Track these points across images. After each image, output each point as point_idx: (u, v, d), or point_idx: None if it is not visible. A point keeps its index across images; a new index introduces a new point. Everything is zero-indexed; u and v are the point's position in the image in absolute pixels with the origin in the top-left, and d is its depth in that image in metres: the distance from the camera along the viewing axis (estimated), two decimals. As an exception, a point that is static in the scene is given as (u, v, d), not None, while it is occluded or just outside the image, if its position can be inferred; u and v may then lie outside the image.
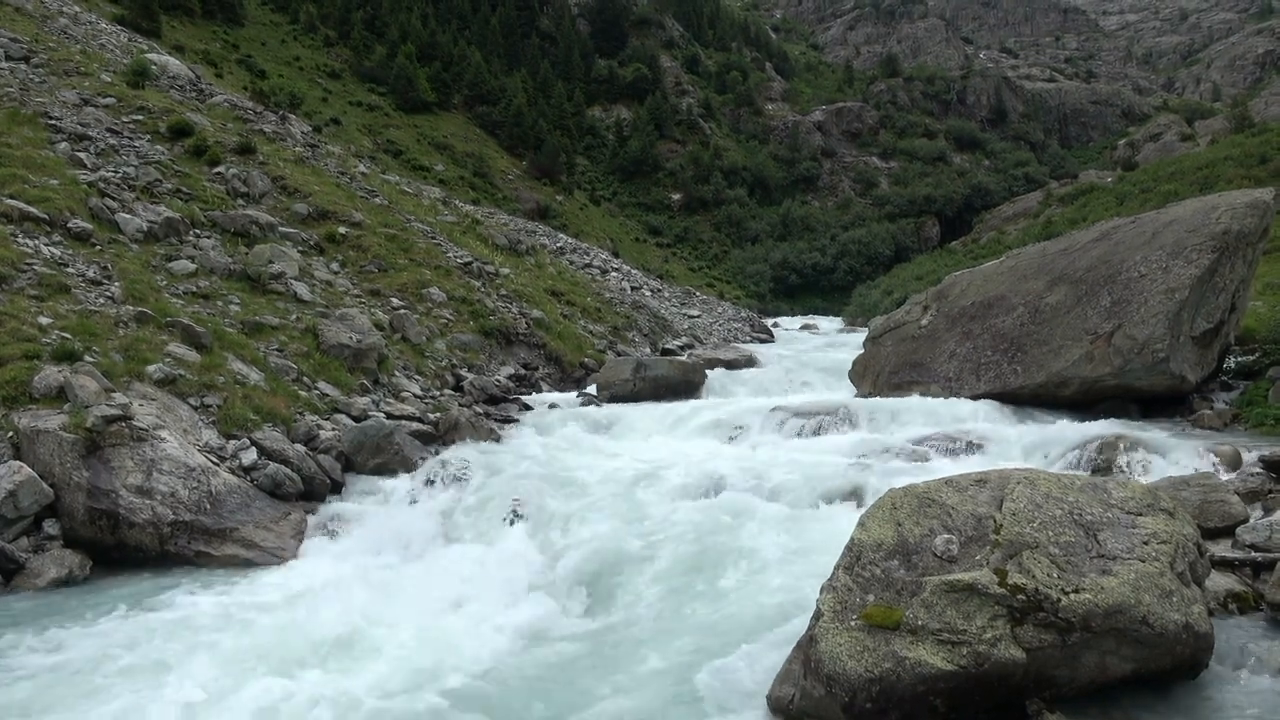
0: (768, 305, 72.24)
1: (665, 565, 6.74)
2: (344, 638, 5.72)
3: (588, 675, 5.28)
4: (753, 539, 7.16)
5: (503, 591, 6.78)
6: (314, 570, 7.32)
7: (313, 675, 5.18)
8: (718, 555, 6.86)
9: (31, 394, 7.99)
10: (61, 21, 24.29)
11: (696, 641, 5.58)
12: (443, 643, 5.67)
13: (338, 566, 7.41)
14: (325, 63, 73.16)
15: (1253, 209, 10.51)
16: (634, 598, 6.44)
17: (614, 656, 5.52)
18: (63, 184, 12.73)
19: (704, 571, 6.64)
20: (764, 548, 6.97)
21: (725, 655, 5.32)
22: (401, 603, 6.44)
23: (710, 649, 5.44)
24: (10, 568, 6.80)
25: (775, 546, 6.97)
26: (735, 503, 7.98)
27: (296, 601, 6.51)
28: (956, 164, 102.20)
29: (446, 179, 60.69)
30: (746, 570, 6.59)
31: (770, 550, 6.90)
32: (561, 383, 15.67)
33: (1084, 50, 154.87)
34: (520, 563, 7.34)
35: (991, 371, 11.21)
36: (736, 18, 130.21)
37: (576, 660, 5.51)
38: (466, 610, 6.35)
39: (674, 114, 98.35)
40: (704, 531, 7.34)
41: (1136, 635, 4.18)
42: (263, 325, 11.51)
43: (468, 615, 6.24)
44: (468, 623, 6.07)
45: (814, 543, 6.88)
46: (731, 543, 7.09)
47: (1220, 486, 6.54)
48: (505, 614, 6.31)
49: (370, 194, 20.68)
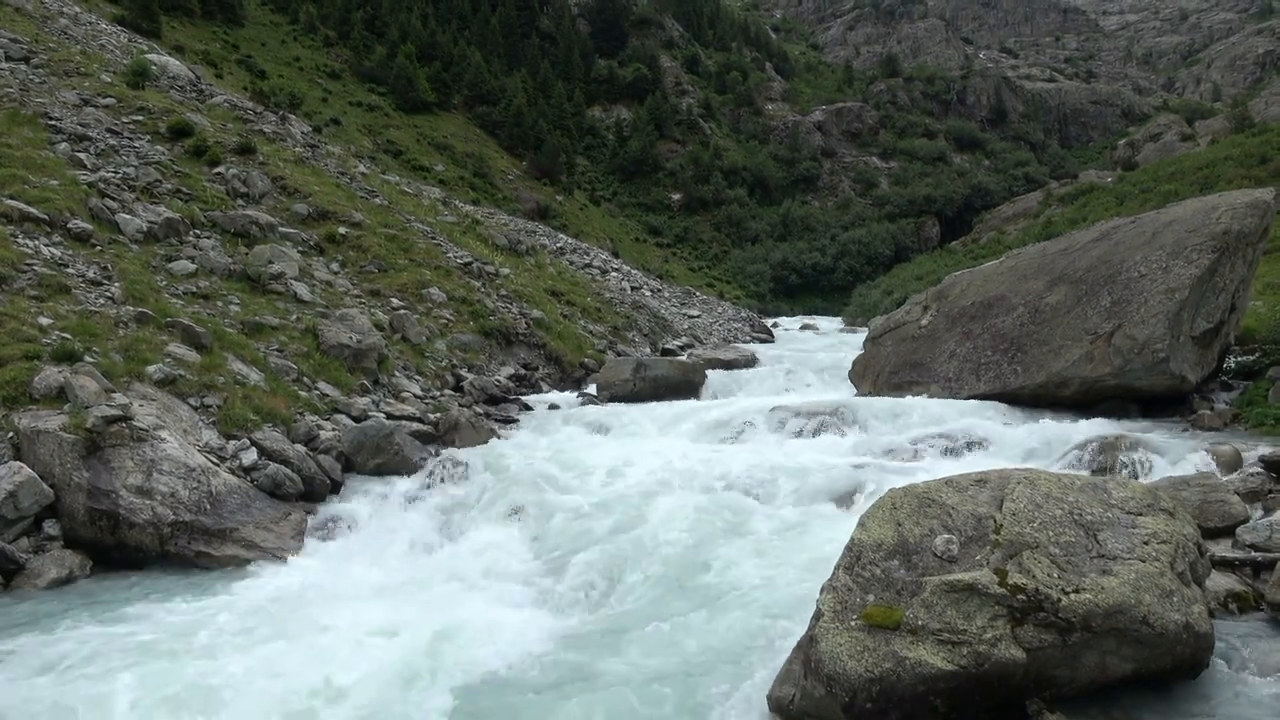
0: (768, 305, 72.28)
1: (665, 565, 6.74)
2: (343, 638, 5.72)
3: (587, 675, 5.27)
4: (753, 539, 7.17)
5: (502, 592, 6.78)
6: (314, 570, 7.32)
7: (313, 675, 5.17)
8: (718, 555, 6.86)
9: (32, 394, 7.99)
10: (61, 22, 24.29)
11: (696, 641, 5.58)
12: (442, 643, 5.67)
13: (338, 566, 7.41)
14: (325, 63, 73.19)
15: (1253, 209, 10.50)
16: (633, 597, 6.43)
17: (612, 656, 5.52)
18: (63, 184, 12.73)
19: (704, 571, 6.64)
20: (764, 547, 6.97)
21: (725, 655, 5.32)
22: (401, 603, 6.44)
23: (710, 648, 5.44)
24: (10, 568, 6.79)
25: (774, 546, 6.98)
26: (735, 502, 7.98)
27: (297, 601, 6.51)
28: (956, 164, 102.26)
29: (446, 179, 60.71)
30: (747, 570, 6.58)
31: (771, 550, 6.90)
32: (561, 383, 15.67)
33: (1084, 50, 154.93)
34: (520, 563, 7.34)
35: (991, 371, 11.21)
36: (736, 18, 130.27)
37: (576, 660, 5.51)
38: (466, 611, 6.35)
39: (674, 114, 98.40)
40: (704, 531, 7.34)
41: (1137, 635, 4.18)
42: (263, 325, 11.51)
43: (467, 616, 6.23)
44: (467, 623, 6.06)
45: (814, 543, 6.88)
46: (731, 542, 7.09)
47: (1220, 486, 6.54)
48: (505, 614, 6.31)
49: (370, 194, 20.69)
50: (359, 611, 6.23)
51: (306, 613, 6.22)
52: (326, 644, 5.63)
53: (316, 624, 5.96)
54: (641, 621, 6.03)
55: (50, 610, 6.36)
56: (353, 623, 5.98)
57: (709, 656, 5.35)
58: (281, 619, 6.11)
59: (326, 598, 6.59)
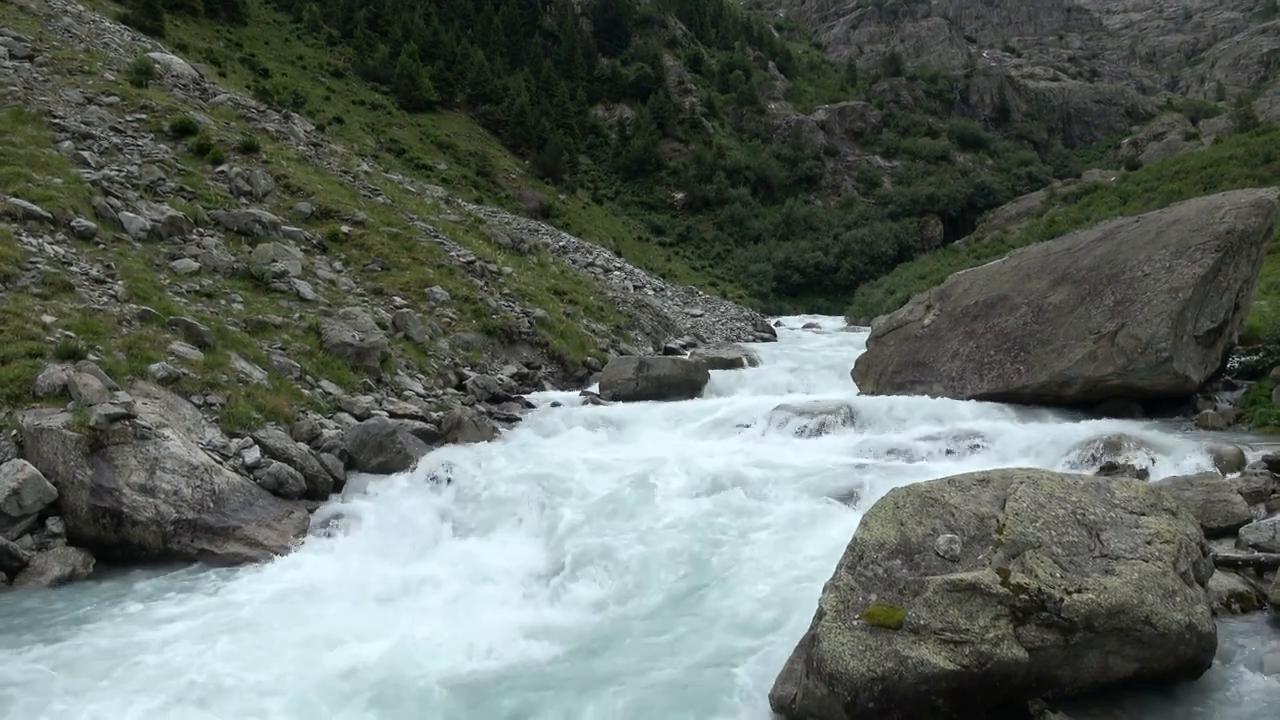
0: (770, 304, 72.24)
1: (667, 564, 6.74)
2: (345, 636, 5.72)
3: (588, 674, 5.28)
4: (754, 538, 7.16)
5: (504, 590, 6.79)
6: (316, 568, 7.32)
7: (313, 673, 5.18)
8: (719, 554, 6.86)
9: (35, 392, 8.00)
10: (65, 20, 24.31)
11: (698, 640, 5.58)
12: (443, 641, 5.67)
13: (340, 565, 7.41)
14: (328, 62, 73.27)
15: (1257, 208, 10.48)
16: (635, 596, 6.43)
17: (615, 655, 5.52)
18: (66, 182, 12.75)
19: (705, 570, 6.64)
20: (765, 547, 6.96)
21: (727, 654, 5.32)
22: (402, 601, 6.45)
23: (712, 647, 5.44)
24: (14, 565, 6.81)
25: (777, 546, 6.97)
26: (737, 502, 7.97)
27: (299, 599, 6.51)
28: (960, 163, 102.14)
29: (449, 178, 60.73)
30: (748, 569, 6.58)
31: (772, 549, 6.90)
32: (564, 382, 15.67)
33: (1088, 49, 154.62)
34: (521, 561, 7.34)
35: (994, 371, 11.20)
36: (739, 17, 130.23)
37: (577, 659, 5.51)
38: (468, 608, 6.36)
39: (677, 113, 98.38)
40: (705, 530, 7.34)
41: (1139, 635, 4.18)
42: (266, 324, 11.52)
43: (470, 613, 6.24)
44: (469, 620, 6.07)
45: (816, 542, 6.87)
46: (733, 541, 7.09)
47: (1223, 486, 6.53)
48: (506, 612, 6.31)
49: (373, 193, 20.70)
50: (361, 609, 6.24)
51: (309, 610, 6.23)
52: (327, 642, 5.63)
53: (318, 622, 5.97)
54: (643, 620, 6.03)
55: (53, 608, 6.37)
56: (354, 620, 5.98)
57: (711, 655, 5.35)
58: (284, 616, 6.11)
59: (329, 595, 6.59)
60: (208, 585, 6.90)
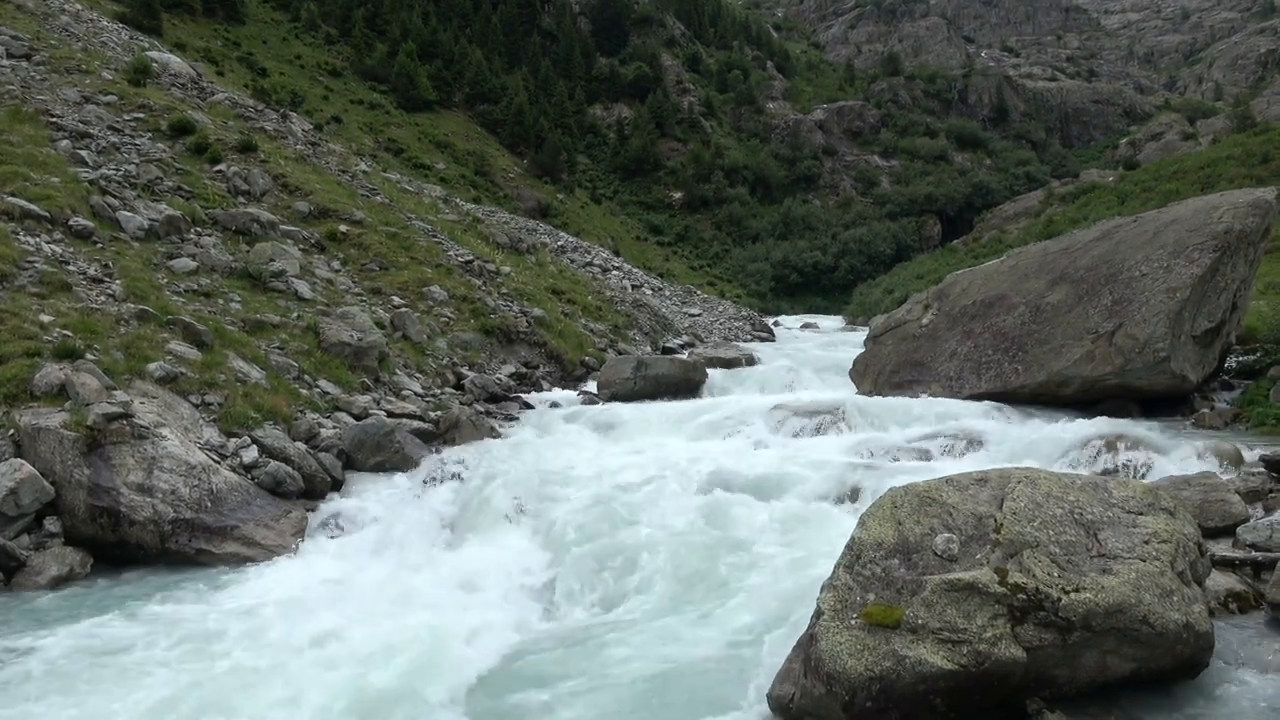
0: (768, 304, 72.24)
1: (665, 564, 6.74)
2: (343, 636, 5.72)
3: (587, 673, 5.27)
4: (752, 538, 7.16)
5: (502, 589, 6.79)
6: (314, 568, 7.32)
7: (312, 673, 5.17)
8: (717, 554, 6.86)
9: (32, 392, 7.99)
10: (63, 19, 24.27)
11: (696, 639, 5.58)
12: (442, 641, 5.67)
13: (338, 564, 7.41)
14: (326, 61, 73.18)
15: (1254, 208, 10.50)
16: (633, 596, 6.44)
17: (614, 654, 5.52)
18: (64, 181, 12.73)
19: (703, 570, 6.64)
20: (763, 547, 6.97)
21: (725, 654, 5.32)
22: (401, 600, 6.44)
23: (709, 647, 5.44)
24: (11, 565, 6.80)
25: (774, 545, 6.97)
26: (735, 502, 7.97)
27: (296, 599, 6.51)
28: (958, 163, 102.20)
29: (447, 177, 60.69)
30: (746, 569, 6.58)
31: (769, 549, 6.90)
32: (562, 381, 15.67)
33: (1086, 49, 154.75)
34: (520, 561, 7.34)
35: (992, 371, 11.21)
36: (738, 16, 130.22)
37: (576, 658, 5.51)
38: (466, 607, 6.35)
39: (675, 113, 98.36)
40: (703, 530, 7.34)
41: (1137, 634, 4.18)
42: (264, 323, 11.51)
43: (468, 612, 6.24)
44: (468, 620, 6.06)
45: (814, 542, 6.87)
46: (731, 541, 7.09)
47: (1221, 486, 6.53)
48: (505, 612, 6.31)
49: (371, 192, 20.69)
50: (359, 609, 6.23)
51: (307, 610, 6.22)
52: (326, 642, 5.63)
53: (316, 621, 5.96)
54: (641, 620, 6.03)
55: (51, 607, 6.36)
56: (353, 620, 5.97)
57: (709, 655, 5.35)
58: (282, 616, 6.11)
59: (327, 595, 6.59)
60: (205, 585, 6.89)
